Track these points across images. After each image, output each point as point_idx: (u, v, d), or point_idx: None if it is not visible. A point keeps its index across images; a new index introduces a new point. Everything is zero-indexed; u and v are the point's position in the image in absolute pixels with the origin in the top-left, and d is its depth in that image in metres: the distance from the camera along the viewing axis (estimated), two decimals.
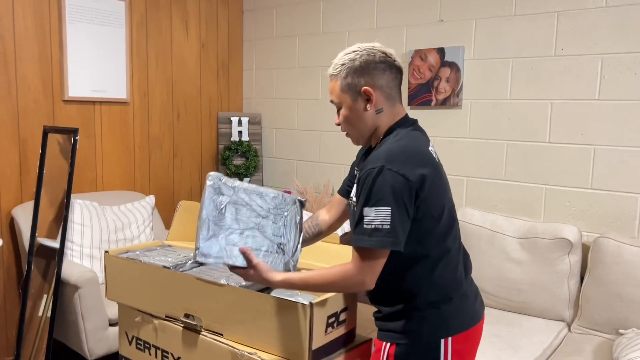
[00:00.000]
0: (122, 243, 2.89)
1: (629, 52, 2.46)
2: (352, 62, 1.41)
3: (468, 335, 1.39)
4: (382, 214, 1.27)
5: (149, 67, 3.45)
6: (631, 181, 2.49)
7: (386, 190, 1.27)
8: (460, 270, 1.43)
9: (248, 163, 3.86)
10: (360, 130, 1.45)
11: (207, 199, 1.38)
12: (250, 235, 1.45)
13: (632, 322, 2.25)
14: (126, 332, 1.84)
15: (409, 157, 1.32)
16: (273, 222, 1.50)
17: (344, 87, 1.42)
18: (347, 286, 1.33)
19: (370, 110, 1.41)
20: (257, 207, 1.47)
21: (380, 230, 1.27)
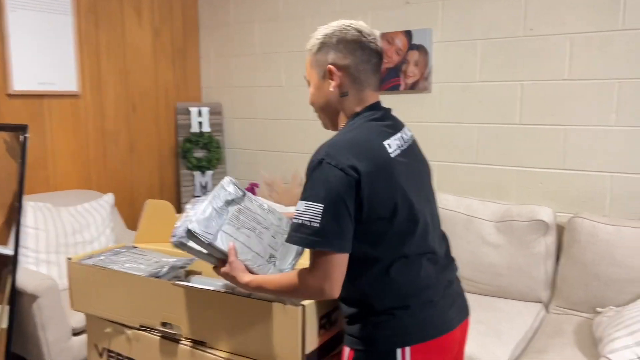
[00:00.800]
0: (80, 246, 2.70)
1: (597, 31, 2.45)
2: (324, 37, 1.31)
3: (431, 346, 1.26)
4: (312, 210, 1.17)
5: (100, 57, 3.24)
6: (602, 160, 2.51)
7: (321, 185, 1.17)
8: (426, 277, 1.27)
9: (210, 155, 3.70)
10: (324, 112, 1.37)
11: (214, 191, 1.38)
12: (245, 233, 1.37)
13: (608, 301, 2.26)
14: (95, 344, 1.70)
15: (352, 150, 1.20)
16: (272, 235, 1.43)
17: (313, 62, 1.34)
18: (306, 293, 1.22)
19: (334, 91, 1.31)
20: (260, 217, 1.43)
21: (307, 227, 1.16)
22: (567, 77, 2.55)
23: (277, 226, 1.45)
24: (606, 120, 2.48)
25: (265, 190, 3.38)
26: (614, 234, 2.27)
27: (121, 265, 1.62)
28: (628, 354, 1.81)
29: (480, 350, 2.07)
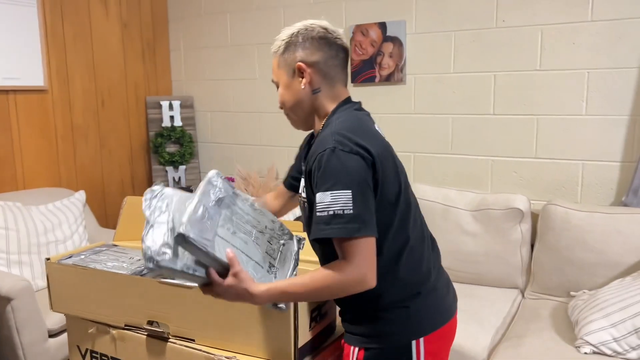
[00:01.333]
0: (53, 245, 2.63)
1: (567, 23, 2.51)
2: (290, 36, 1.31)
3: (441, 334, 1.29)
4: (341, 198, 1.13)
5: (67, 51, 3.14)
6: (573, 148, 2.58)
7: (342, 172, 1.14)
8: (427, 260, 1.31)
9: (183, 150, 3.65)
10: (296, 112, 1.34)
11: (202, 187, 1.16)
12: (242, 239, 1.19)
13: (582, 285, 2.33)
14: (78, 345, 1.66)
15: (358, 135, 1.20)
16: (268, 241, 1.28)
17: (280, 63, 1.32)
18: (347, 288, 1.15)
19: (306, 88, 1.30)
20: (254, 219, 1.25)
21: (341, 216, 1.12)
22: (538, 68, 2.60)
23: (271, 229, 1.31)
24: (577, 110, 2.55)
25: (241, 184, 3.35)
26: (586, 220, 2.34)
27: (103, 265, 1.58)
28: (604, 335, 1.87)
29: (463, 337, 2.11)
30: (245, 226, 1.22)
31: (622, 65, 2.43)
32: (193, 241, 1.04)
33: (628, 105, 2.44)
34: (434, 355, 1.28)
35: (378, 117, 3.05)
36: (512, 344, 2.03)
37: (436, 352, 1.29)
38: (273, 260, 1.26)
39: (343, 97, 1.33)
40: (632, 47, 2.40)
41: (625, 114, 2.45)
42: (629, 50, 2.41)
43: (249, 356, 1.36)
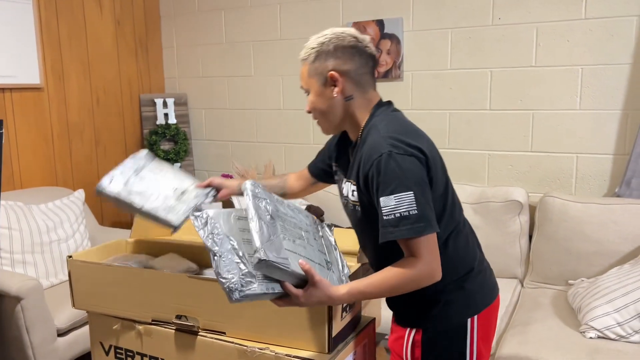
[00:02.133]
0: (55, 245, 2.61)
1: (561, 20, 2.59)
2: (321, 45, 1.33)
3: (491, 310, 1.39)
4: (405, 200, 1.19)
5: (62, 48, 3.11)
6: (568, 142, 2.67)
7: (401, 175, 1.20)
8: (472, 242, 1.41)
9: (178, 147, 3.64)
10: (328, 119, 1.37)
11: (252, 204, 1.17)
12: (301, 244, 1.23)
13: (580, 273, 2.42)
14: (101, 342, 1.67)
15: (409, 137, 1.26)
16: (315, 238, 1.33)
17: (311, 71, 1.35)
18: (418, 282, 1.22)
19: (338, 96, 1.33)
20: (297, 221, 1.30)
21: (408, 218, 1.18)
22: (533, 64, 2.68)
23: (312, 226, 1.36)
24: (571, 105, 2.64)
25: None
26: (583, 211, 2.43)
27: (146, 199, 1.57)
28: (608, 320, 1.96)
29: None
30: (295, 231, 1.26)
31: (615, 62, 2.52)
32: (275, 263, 1.08)
33: (620, 100, 2.54)
34: (485, 331, 1.38)
35: None
36: (518, 332, 2.10)
37: (486, 328, 1.38)
38: (324, 256, 1.30)
39: (375, 100, 1.38)
40: (623, 44, 2.49)
41: (618, 109, 2.55)
42: (620, 47, 2.50)
43: (282, 347, 1.39)
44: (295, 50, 3.29)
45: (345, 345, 1.42)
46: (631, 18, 2.46)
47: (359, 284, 1.23)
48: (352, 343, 1.46)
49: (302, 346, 1.38)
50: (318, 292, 1.19)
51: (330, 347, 1.35)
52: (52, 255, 2.59)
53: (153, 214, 1.53)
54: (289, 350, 1.38)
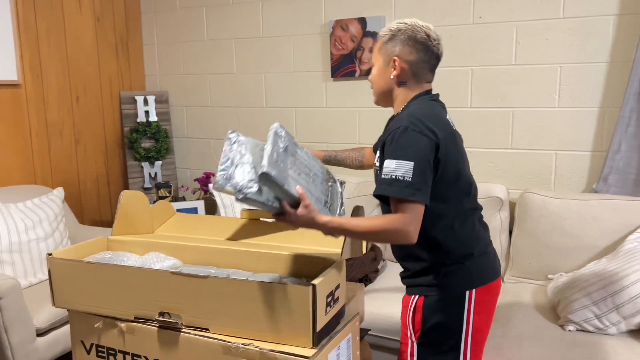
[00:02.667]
0: (34, 243, 2.57)
1: (540, 19, 2.63)
2: (397, 31, 1.51)
3: (489, 288, 1.53)
4: (403, 167, 1.37)
5: (41, 45, 3.06)
6: (547, 139, 2.71)
7: (409, 148, 1.39)
8: (478, 230, 1.56)
9: (159, 145, 3.61)
10: (378, 91, 1.59)
11: (272, 138, 1.35)
12: (304, 179, 1.42)
13: (559, 268, 2.46)
14: (82, 341, 1.64)
15: (430, 120, 1.43)
16: (321, 182, 1.51)
17: (381, 49, 1.55)
18: (391, 236, 1.38)
19: (393, 79, 1.53)
20: (309, 164, 1.48)
21: (400, 182, 1.36)
22: (513, 63, 2.72)
23: (322, 173, 1.54)
24: (550, 102, 2.68)
25: None
26: (562, 207, 2.47)
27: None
28: (586, 313, 1.99)
29: None
30: (304, 169, 1.45)
31: (592, 60, 2.57)
32: (274, 179, 1.27)
33: (598, 98, 2.59)
34: (483, 306, 1.52)
35: (358, 111, 3.11)
36: (500, 325, 2.13)
37: (484, 303, 1.53)
38: (327, 197, 1.51)
39: (425, 90, 1.55)
40: (600, 43, 2.54)
41: (595, 106, 2.60)
42: (598, 46, 2.55)
43: (266, 342, 1.39)
44: (277, 47, 3.28)
45: (329, 340, 1.43)
46: (608, 17, 2.51)
47: (340, 219, 1.39)
48: (336, 337, 1.47)
49: (287, 341, 1.38)
50: (307, 214, 1.35)
51: (314, 341, 1.35)
52: (30, 254, 2.55)
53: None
54: (273, 345, 1.38)
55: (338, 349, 1.48)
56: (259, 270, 1.65)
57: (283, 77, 3.30)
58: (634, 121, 2.47)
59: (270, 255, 1.65)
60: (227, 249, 1.70)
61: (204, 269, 1.66)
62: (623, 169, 2.52)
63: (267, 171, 1.26)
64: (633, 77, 2.42)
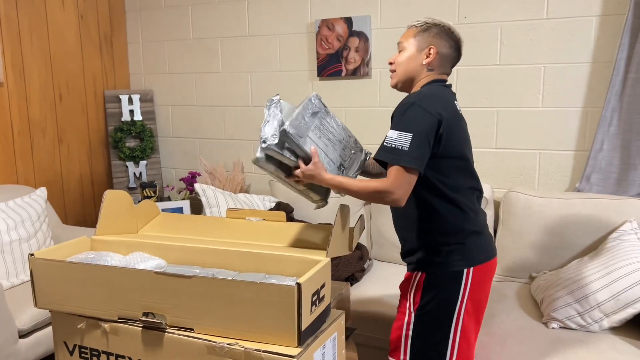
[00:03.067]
0: (16, 244, 2.54)
1: (525, 20, 2.66)
2: (435, 25, 1.69)
3: (486, 267, 1.65)
4: (403, 137, 1.53)
5: (23, 43, 3.02)
6: (531, 139, 2.73)
7: (412, 121, 1.54)
8: (477, 208, 1.69)
9: (144, 145, 3.58)
10: (405, 74, 1.71)
11: (304, 103, 1.62)
12: (324, 142, 1.65)
13: (543, 266, 2.49)
14: (65, 342, 1.63)
15: (437, 100, 1.58)
16: (343, 148, 1.73)
17: (417, 36, 1.69)
18: (382, 197, 1.54)
19: (425, 64, 1.69)
20: (335, 131, 1.71)
21: (398, 150, 1.53)
22: (498, 63, 2.74)
23: (347, 141, 1.75)
24: (534, 102, 2.70)
25: (207, 178, 3.33)
26: (546, 206, 2.50)
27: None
28: (569, 310, 2.02)
29: None
30: (328, 134, 1.67)
31: (575, 61, 2.60)
32: (291, 136, 1.54)
33: (580, 98, 2.61)
34: (479, 284, 1.65)
35: (344, 110, 3.11)
36: (484, 323, 2.14)
37: (480, 281, 1.65)
38: (344, 162, 1.72)
39: (441, 78, 1.72)
40: (583, 44, 2.57)
41: (578, 106, 2.62)
42: (581, 47, 2.58)
43: (251, 342, 1.39)
44: (263, 46, 3.27)
45: (315, 339, 1.43)
46: (590, 18, 2.54)
47: (341, 177, 1.61)
48: (321, 336, 1.47)
49: (272, 341, 1.38)
50: (314, 169, 1.58)
51: (300, 340, 1.35)
52: (12, 255, 2.51)
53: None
54: (258, 345, 1.37)
55: (323, 348, 1.48)
56: (245, 270, 1.65)
57: (269, 76, 3.29)
58: (615, 121, 2.50)
59: (255, 255, 1.64)
60: (212, 249, 1.69)
61: (188, 269, 1.65)
62: (605, 168, 2.55)
63: (286, 128, 1.53)
64: (615, 77, 2.46)
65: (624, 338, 1.95)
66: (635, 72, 2.41)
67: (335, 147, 1.70)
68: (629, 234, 2.25)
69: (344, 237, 1.69)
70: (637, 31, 2.39)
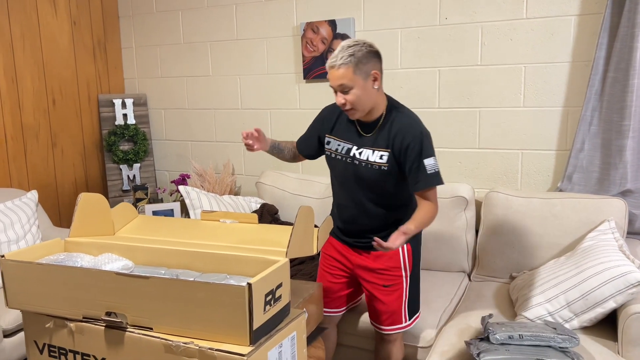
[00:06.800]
0: (5, 245, 2.60)
1: (505, 20, 2.66)
2: (357, 52, 1.80)
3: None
4: (435, 161, 1.90)
5: (15, 49, 3.09)
6: (513, 139, 2.73)
7: (432, 147, 1.91)
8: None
9: (137, 148, 3.64)
10: (365, 105, 1.87)
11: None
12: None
13: (523, 266, 2.49)
14: (35, 341, 1.67)
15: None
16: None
17: (356, 71, 1.80)
18: (435, 216, 1.93)
19: (377, 88, 1.87)
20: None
21: (438, 173, 1.90)
22: (479, 63, 2.75)
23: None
24: (515, 102, 2.70)
25: (197, 180, 3.38)
26: (526, 206, 2.50)
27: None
28: (540, 310, 2.02)
29: None
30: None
31: (555, 60, 2.59)
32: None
33: (561, 98, 2.61)
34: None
35: None
36: (457, 323, 2.15)
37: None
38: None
39: (384, 93, 1.97)
40: (563, 43, 2.57)
41: (559, 106, 2.62)
42: (560, 46, 2.57)
43: (206, 341, 1.42)
44: (251, 50, 3.31)
45: (269, 338, 1.45)
46: (569, 17, 2.53)
47: (413, 221, 1.86)
48: (277, 335, 1.49)
49: (225, 339, 1.41)
50: (403, 235, 1.81)
51: (252, 339, 1.38)
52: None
53: None
54: (212, 343, 1.41)
55: (280, 347, 1.51)
56: (208, 271, 1.68)
57: (257, 79, 3.33)
58: (595, 120, 2.49)
59: (219, 256, 1.68)
60: (178, 250, 1.73)
61: (154, 270, 1.69)
62: (586, 168, 2.54)
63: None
64: (593, 76, 2.45)
65: (594, 338, 1.95)
66: (614, 71, 2.40)
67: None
68: (606, 234, 2.24)
69: (307, 238, 1.71)
70: (615, 30, 2.39)
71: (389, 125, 1.90)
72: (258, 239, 1.80)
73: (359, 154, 1.96)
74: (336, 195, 2.12)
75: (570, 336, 1.70)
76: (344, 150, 2.00)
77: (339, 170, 2.03)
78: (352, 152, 1.97)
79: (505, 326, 1.78)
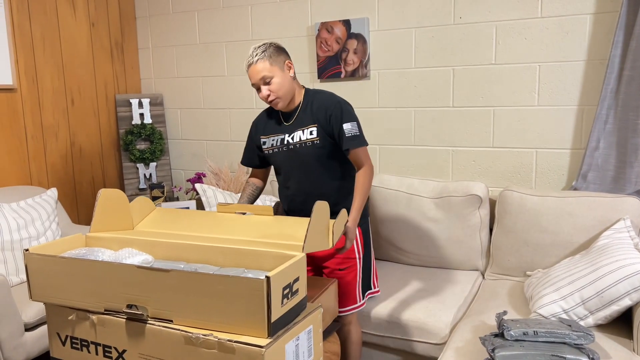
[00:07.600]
0: (26, 242, 2.66)
1: (519, 19, 2.67)
2: (268, 48, 2.02)
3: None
4: (355, 126, 2.04)
5: (35, 50, 3.16)
6: (527, 137, 2.74)
7: (352, 113, 2.07)
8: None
9: (153, 147, 3.69)
10: (287, 93, 2.06)
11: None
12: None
13: (537, 264, 2.49)
14: (58, 333, 1.72)
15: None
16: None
17: (272, 63, 2.01)
18: (373, 175, 2.22)
19: (292, 76, 2.08)
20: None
21: (359, 136, 2.04)
22: (494, 62, 2.75)
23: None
24: (529, 101, 2.71)
25: (212, 179, 3.42)
26: (540, 204, 2.50)
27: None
28: (555, 307, 2.02)
29: (427, 316, 2.23)
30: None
31: (570, 59, 2.59)
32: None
33: (576, 96, 2.61)
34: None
35: None
36: (471, 320, 2.16)
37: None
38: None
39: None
40: (578, 42, 2.57)
41: (574, 104, 2.62)
42: (575, 45, 2.57)
43: (225, 333, 1.45)
44: None
45: (286, 331, 1.48)
46: (584, 16, 2.53)
47: (354, 207, 1.99)
48: (294, 328, 1.52)
49: (244, 332, 1.44)
50: (350, 233, 1.97)
51: (270, 331, 1.41)
52: (22, 252, 2.63)
53: None
54: (231, 335, 1.43)
55: (297, 340, 1.54)
56: (226, 265, 1.71)
57: None
58: (611, 118, 2.49)
59: (237, 251, 1.71)
60: (197, 245, 1.76)
61: (173, 264, 1.72)
62: (601, 166, 2.54)
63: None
64: (609, 74, 2.45)
65: (609, 335, 1.95)
66: (630, 70, 2.40)
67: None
68: (622, 232, 2.24)
69: (323, 233, 1.74)
70: (631, 28, 2.38)
71: (310, 105, 2.09)
72: (275, 233, 1.83)
73: (292, 139, 2.10)
74: (285, 190, 2.21)
75: (585, 333, 1.71)
76: (278, 142, 2.14)
77: (282, 161, 2.15)
78: (285, 140, 2.12)
79: (519, 323, 1.79)
